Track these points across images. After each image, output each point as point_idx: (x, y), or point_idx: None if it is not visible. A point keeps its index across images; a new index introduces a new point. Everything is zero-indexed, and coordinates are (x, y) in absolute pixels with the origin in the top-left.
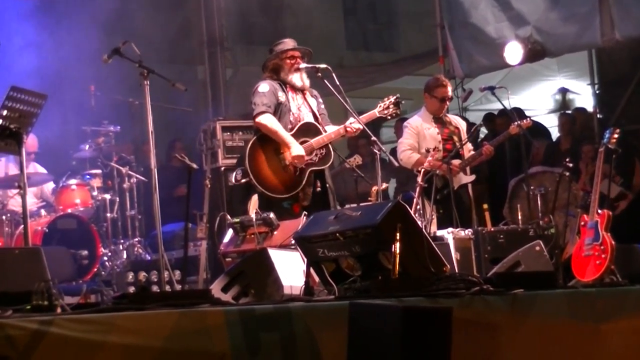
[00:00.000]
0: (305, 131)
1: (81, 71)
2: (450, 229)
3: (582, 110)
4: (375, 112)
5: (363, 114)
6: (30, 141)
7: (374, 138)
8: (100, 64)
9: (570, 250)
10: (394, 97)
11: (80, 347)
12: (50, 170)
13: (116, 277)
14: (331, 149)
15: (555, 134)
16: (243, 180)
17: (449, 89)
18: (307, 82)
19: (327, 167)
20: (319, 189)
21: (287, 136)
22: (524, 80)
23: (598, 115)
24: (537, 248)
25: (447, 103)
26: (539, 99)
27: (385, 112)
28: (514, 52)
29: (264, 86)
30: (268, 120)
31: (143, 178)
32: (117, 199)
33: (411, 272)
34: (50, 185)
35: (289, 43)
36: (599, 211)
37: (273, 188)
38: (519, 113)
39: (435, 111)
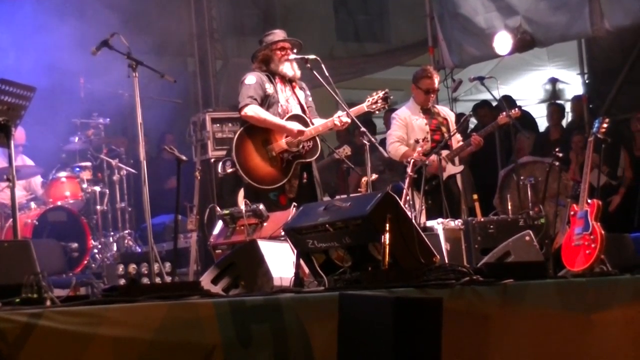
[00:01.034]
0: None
1: (70, 63)
2: (440, 220)
3: (578, 98)
4: (364, 107)
5: (352, 106)
6: (18, 134)
7: (363, 129)
8: (89, 56)
9: (561, 240)
10: (383, 92)
11: (70, 339)
12: (40, 163)
13: (106, 269)
14: (318, 142)
15: (545, 123)
16: (229, 170)
17: (435, 80)
18: (297, 73)
19: (314, 159)
20: (305, 181)
21: (278, 120)
22: (514, 70)
23: (588, 105)
24: (527, 238)
25: (433, 95)
26: (529, 89)
27: (374, 106)
28: (503, 42)
29: (250, 78)
30: (254, 110)
31: (133, 170)
32: (107, 192)
33: (401, 263)
34: (38, 179)
35: (279, 34)
36: (589, 201)
37: (259, 179)
38: (509, 101)
39: (422, 102)
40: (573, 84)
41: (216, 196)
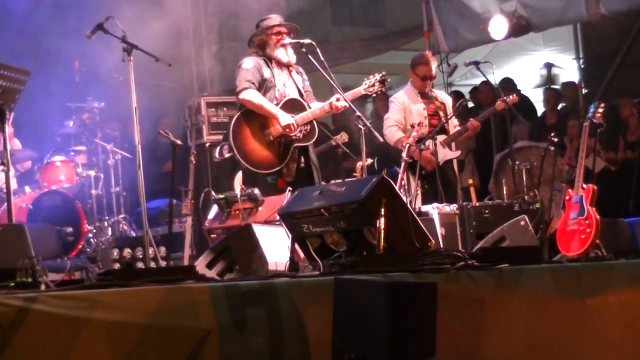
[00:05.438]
0: (291, 107)
1: (65, 47)
2: (435, 204)
3: (570, 84)
4: (361, 90)
5: (348, 90)
6: None
7: (358, 113)
8: (84, 39)
9: (556, 225)
10: (380, 75)
11: (64, 323)
12: (34, 147)
13: (101, 253)
14: (316, 126)
15: (540, 108)
16: (227, 155)
17: (433, 67)
18: (293, 58)
19: (311, 143)
20: (302, 165)
21: (273, 108)
22: (509, 54)
23: (583, 90)
24: (522, 223)
25: (429, 82)
26: (524, 74)
27: (371, 89)
28: (499, 26)
29: (247, 62)
30: (252, 95)
31: (128, 154)
32: (102, 176)
33: (396, 248)
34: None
35: (275, 19)
36: (584, 186)
37: (257, 163)
38: (510, 84)
39: (419, 87)
40: (568, 69)
41: (211, 180)
